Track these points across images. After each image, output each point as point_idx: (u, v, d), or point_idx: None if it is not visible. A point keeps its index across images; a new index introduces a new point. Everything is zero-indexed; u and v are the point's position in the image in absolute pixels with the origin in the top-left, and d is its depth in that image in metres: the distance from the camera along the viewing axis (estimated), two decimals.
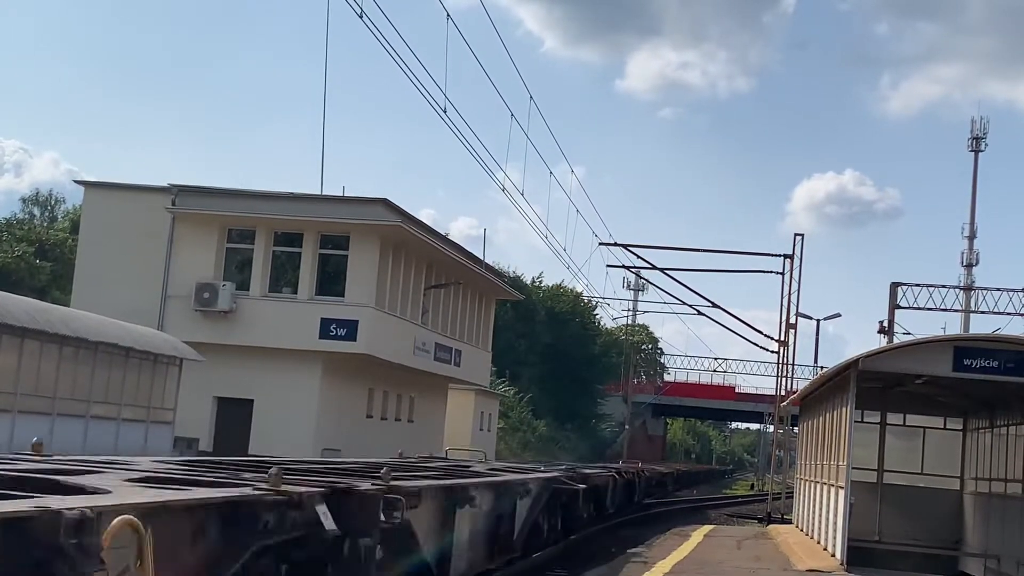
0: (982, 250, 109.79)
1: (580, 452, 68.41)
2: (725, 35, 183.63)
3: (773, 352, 41.32)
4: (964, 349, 16.52)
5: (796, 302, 38.71)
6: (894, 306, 37.41)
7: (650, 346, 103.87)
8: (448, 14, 21.78)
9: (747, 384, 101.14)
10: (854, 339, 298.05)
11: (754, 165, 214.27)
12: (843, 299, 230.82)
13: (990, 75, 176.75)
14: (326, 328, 34.61)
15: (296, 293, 35.62)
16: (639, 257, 40.07)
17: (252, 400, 34.75)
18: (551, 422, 73.11)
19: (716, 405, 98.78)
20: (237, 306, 34.88)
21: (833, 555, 17.54)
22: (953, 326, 67.76)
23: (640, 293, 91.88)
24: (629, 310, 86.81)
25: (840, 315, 55.39)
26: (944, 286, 38.79)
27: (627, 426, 79.08)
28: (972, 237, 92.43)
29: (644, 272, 44.74)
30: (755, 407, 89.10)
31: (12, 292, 28.13)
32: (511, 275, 71.05)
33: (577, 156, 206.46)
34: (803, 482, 25.43)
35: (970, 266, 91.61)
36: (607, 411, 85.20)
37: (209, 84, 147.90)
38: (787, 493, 35.90)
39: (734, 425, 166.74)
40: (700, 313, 42.82)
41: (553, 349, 73.91)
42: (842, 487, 17.05)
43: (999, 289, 39.47)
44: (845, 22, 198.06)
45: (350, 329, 34.58)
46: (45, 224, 68.15)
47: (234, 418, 34.56)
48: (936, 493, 21.76)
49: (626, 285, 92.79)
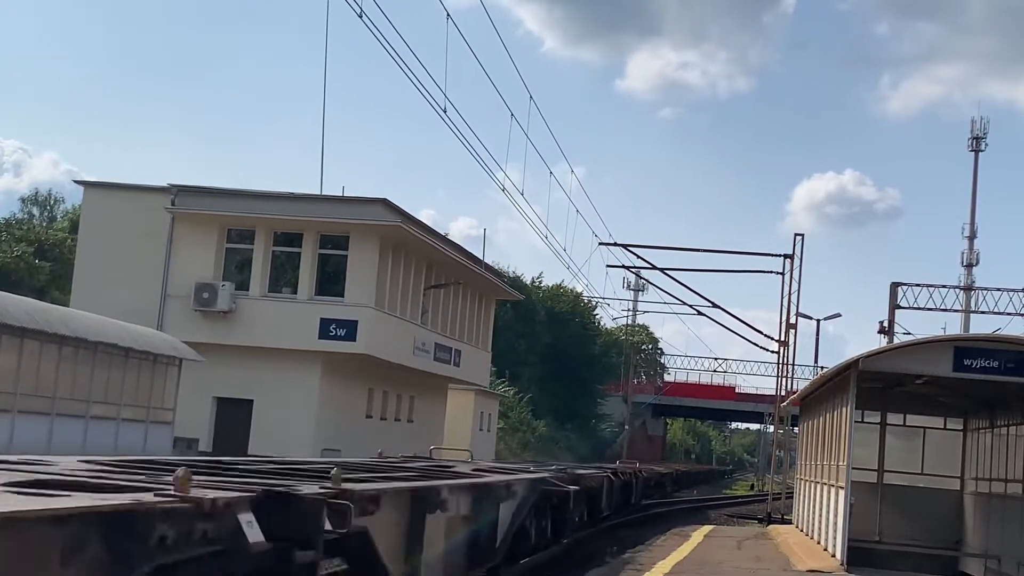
0: (982, 250, 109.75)
1: (580, 452, 68.41)
2: (725, 35, 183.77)
3: (773, 352, 41.36)
4: (964, 349, 16.52)
5: (796, 302, 38.76)
6: (894, 306, 37.40)
7: (650, 346, 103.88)
8: (448, 14, 21.80)
9: (747, 384, 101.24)
10: (854, 339, 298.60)
11: (754, 165, 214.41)
12: (843, 299, 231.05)
13: (990, 75, 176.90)
14: (326, 328, 34.61)
15: (296, 293, 35.61)
16: (639, 257, 40.10)
17: (252, 400, 34.75)
18: (551, 422, 73.08)
19: (716, 405, 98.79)
20: (237, 306, 34.87)
21: (833, 555, 17.53)
22: (953, 326, 67.77)
23: (640, 293, 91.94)
24: (629, 310, 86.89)
25: (840, 315, 55.42)
26: (944, 286, 38.83)
27: (627, 426, 79.08)
28: (972, 237, 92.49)
29: (644, 272, 44.77)
30: (755, 407, 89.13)
31: (11, 292, 28.10)
32: (511, 275, 71.04)
33: (577, 156, 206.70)
34: (803, 482, 25.42)
35: (970, 266, 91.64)
36: (607, 411, 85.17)
37: (209, 84, 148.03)
38: (787, 493, 35.89)
39: (734, 425, 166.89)
40: (700, 313, 42.86)
41: (553, 349, 73.90)
42: (842, 487, 17.04)
43: (999, 289, 39.51)
44: (845, 22, 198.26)
45: (350, 329, 34.58)
46: (44, 224, 68.13)
47: (234, 418, 34.56)
48: (936, 493, 21.74)
49: (626, 285, 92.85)
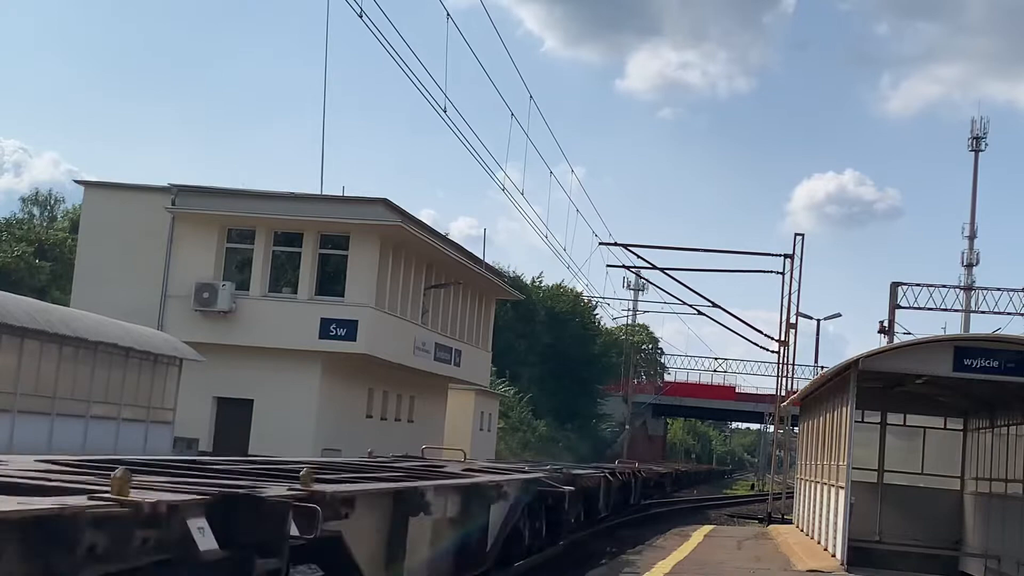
0: (982, 250, 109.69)
1: (581, 452, 68.36)
2: (725, 35, 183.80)
3: (773, 352, 41.37)
4: (964, 349, 16.52)
5: (796, 302, 38.78)
6: (894, 306, 37.40)
7: (650, 346, 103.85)
8: (448, 14, 21.79)
9: (747, 384, 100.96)
10: (854, 339, 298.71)
11: (754, 165, 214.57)
12: (843, 299, 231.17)
13: (990, 75, 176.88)
14: (326, 328, 34.60)
15: (296, 293, 35.60)
16: (639, 257, 40.13)
17: (252, 400, 34.74)
18: (551, 422, 73.04)
19: (716, 405, 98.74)
20: (237, 306, 34.86)
21: (833, 555, 17.53)
22: (953, 326, 67.73)
23: (640, 293, 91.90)
24: (629, 310, 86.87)
25: (840, 315, 55.44)
26: (944, 286, 38.82)
27: (627, 426, 79.06)
28: (972, 237, 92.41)
29: (644, 272, 44.80)
30: (755, 407, 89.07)
31: (12, 292, 28.10)
32: (511, 275, 71.03)
33: (577, 156, 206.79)
34: (803, 482, 25.42)
35: (970, 266, 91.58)
36: (607, 411, 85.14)
37: (209, 84, 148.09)
38: (787, 493, 35.88)
39: (734, 425, 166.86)
40: (700, 313, 42.89)
41: (553, 349, 73.88)
42: (842, 487, 17.04)
43: (999, 289, 39.50)
44: (845, 22, 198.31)
45: (350, 329, 34.57)
46: (45, 224, 68.10)
47: (234, 418, 34.54)
48: (936, 493, 21.74)
49: (626, 285, 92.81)
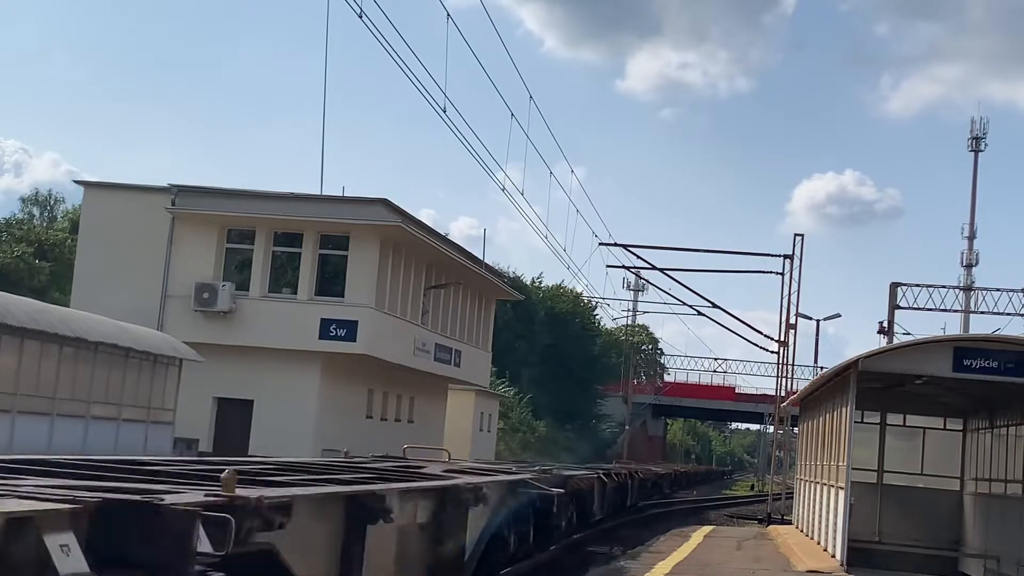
0: (982, 250, 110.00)
1: (581, 453, 68.33)
2: (725, 35, 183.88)
3: (773, 352, 41.37)
4: (964, 349, 16.52)
5: (796, 302, 38.76)
6: (894, 306, 37.40)
7: (650, 346, 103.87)
8: (448, 14, 21.79)
9: (747, 384, 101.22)
10: (854, 339, 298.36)
11: (754, 165, 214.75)
12: (843, 299, 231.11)
13: (990, 75, 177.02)
14: (326, 328, 34.60)
15: (296, 293, 35.59)
16: (639, 257, 40.12)
17: (252, 400, 34.74)
18: (551, 423, 73.04)
19: (716, 406, 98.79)
20: (237, 306, 34.86)
21: (833, 556, 17.53)
22: (953, 326, 67.83)
23: (640, 293, 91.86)
24: (629, 310, 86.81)
25: (840, 315, 55.46)
26: (944, 286, 38.86)
27: (627, 427, 79.05)
28: (972, 237, 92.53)
29: (644, 272, 44.78)
30: (755, 408, 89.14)
31: (11, 292, 28.10)
32: (511, 275, 71.03)
33: (577, 156, 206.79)
34: (803, 483, 25.42)
35: (970, 266, 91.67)
36: (607, 412, 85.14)
37: (209, 84, 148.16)
38: (787, 494, 35.88)
39: (734, 426, 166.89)
40: (700, 313, 42.87)
41: (553, 349, 73.86)
42: (842, 488, 17.04)
43: (999, 289, 39.54)
44: (845, 22, 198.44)
45: (350, 329, 34.56)
46: (45, 224, 68.09)
47: (234, 418, 34.54)
48: (936, 494, 21.74)
49: (626, 285, 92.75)
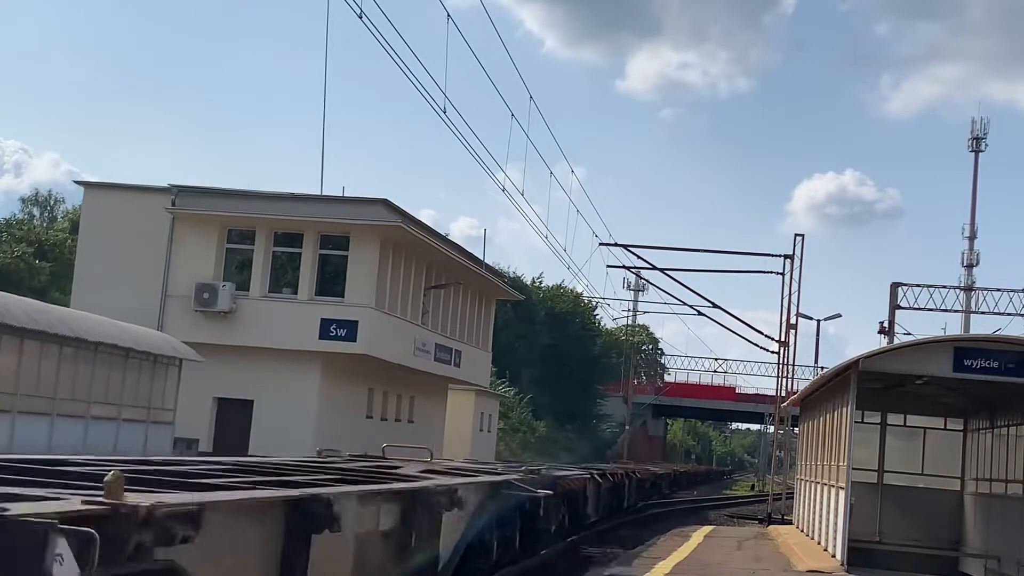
0: (982, 250, 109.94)
1: (581, 453, 68.34)
2: (725, 35, 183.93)
3: (773, 352, 41.34)
4: (964, 349, 16.50)
5: (796, 302, 38.74)
6: (894, 306, 37.37)
7: (650, 346, 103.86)
8: (448, 14, 21.80)
9: (747, 385, 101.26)
10: (854, 339, 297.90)
11: (754, 165, 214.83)
12: (843, 299, 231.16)
13: (990, 75, 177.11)
14: (326, 328, 34.59)
15: (296, 293, 35.58)
16: (639, 257, 40.10)
17: (252, 401, 34.74)
18: (551, 423, 73.02)
19: (716, 406, 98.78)
20: (237, 306, 34.86)
21: (833, 556, 17.52)
22: (953, 326, 67.79)
23: (640, 293, 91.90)
24: (629, 310, 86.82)
25: (840, 315, 55.37)
26: (944, 286, 38.80)
27: (627, 427, 79.03)
28: (972, 237, 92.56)
29: (644, 272, 44.75)
30: (755, 408, 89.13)
31: (11, 293, 28.10)
32: (511, 275, 71.03)
33: (577, 156, 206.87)
34: (803, 483, 25.40)
35: (970, 266, 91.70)
36: (607, 412, 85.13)
37: (209, 84, 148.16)
38: (787, 494, 35.86)
39: (734, 426, 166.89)
40: (700, 313, 42.83)
41: (553, 349, 73.85)
42: (842, 488, 17.03)
43: (999, 289, 39.48)
44: (845, 22, 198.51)
45: (350, 329, 34.56)
46: (45, 224, 68.10)
47: (234, 419, 34.53)
48: (936, 494, 21.73)
49: (626, 285, 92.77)
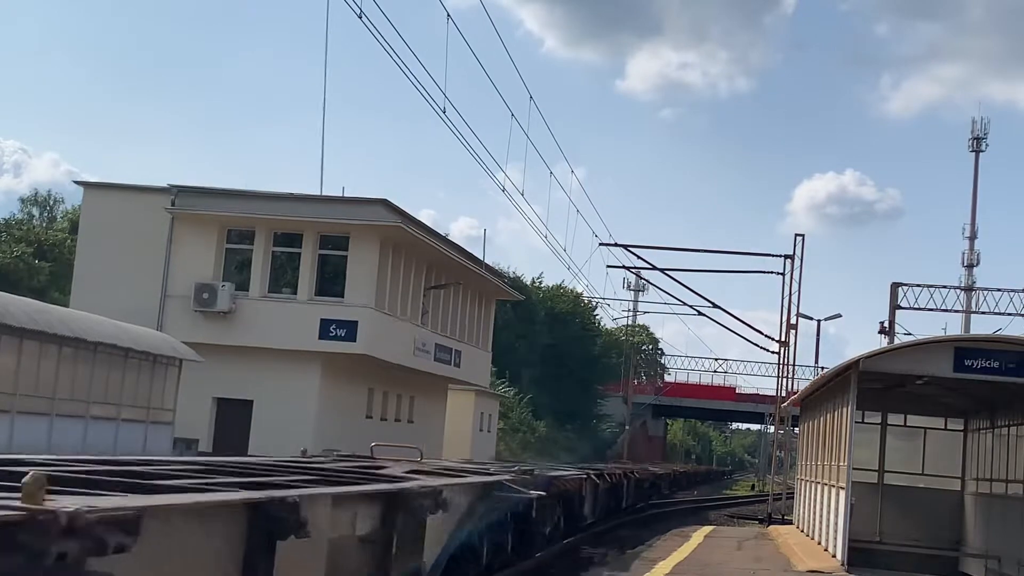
0: (982, 250, 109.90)
1: (581, 453, 68.31)
2: (725, 35, 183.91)
3: (774, 353, 41.33)
4: (965, 350, 16.49)
5: (797, 302, 38.74)
6: (895, 306, 37.35)
7: (650, 346, 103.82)
8: (448, 14, 21.78)
9: (747, 385, 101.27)
10: (855, 339, 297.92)
11: (754, 165, 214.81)
12: (844, 299, 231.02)
13: (991, 75, 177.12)
14: (326, 329, 34.57)
15: (296, 294, 35.56)
16: (639, 257, 40.09)
17: (252, 401, 34.71)
18: (551, 423, 73.00)
19: (716, 406, 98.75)
20: (236, 306, 34.83)
21: (834, 556, 17.50)
22: (954, 326, 67.64)
23: (640, 293, 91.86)
24: (629, 310, 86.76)
25: (841, 315, 55.34)
26: (945, 286, 38.76)
27: (627, 427, 79.02)
28: (973, 237, 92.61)
29: (644, 272, 44.72)
30: (755, 408, 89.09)
31: (11, 293, 28.08)
32: (511, 275, 71.00)
33: (577, 156, 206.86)
34: (804, 483, 25.39)
35: (971, 266, 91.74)
36: (607, 412, 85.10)
37: (209, 84, 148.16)
38: (788, 494, 35.85)
39: (734, 426, 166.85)
40: (700, 313, 42.81)
41: (553, 349, 73.83)
42: (843, 488, 17.01)
43: (1000, 289, 39.44)
44: (845, 22, 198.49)
45: (350, 330, 34.53)
46: (44, 224, 68.08)
47: (234, 419, 34.51)
48: (937, 494, 21.72)
49: (626, 286, 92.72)
